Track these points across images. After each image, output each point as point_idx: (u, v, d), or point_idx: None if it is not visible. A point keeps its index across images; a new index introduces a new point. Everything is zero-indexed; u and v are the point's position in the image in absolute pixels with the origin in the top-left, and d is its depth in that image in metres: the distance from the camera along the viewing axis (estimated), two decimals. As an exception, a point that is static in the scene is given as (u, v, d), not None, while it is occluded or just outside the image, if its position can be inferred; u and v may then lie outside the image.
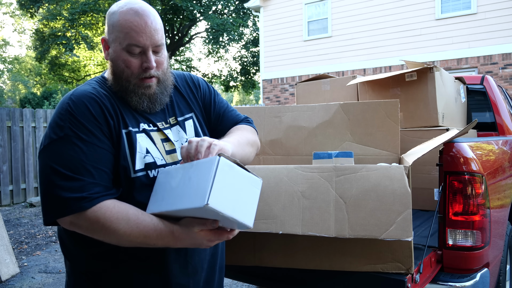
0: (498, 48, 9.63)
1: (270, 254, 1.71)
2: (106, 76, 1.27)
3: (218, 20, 18.85)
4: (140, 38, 1.15)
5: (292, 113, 2.26)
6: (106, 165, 1.11)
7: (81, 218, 1.04)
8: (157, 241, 1.07)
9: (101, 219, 1.03)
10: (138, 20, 1.15)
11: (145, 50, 1.17)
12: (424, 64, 2.54)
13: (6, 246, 3.92)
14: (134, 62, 1.18)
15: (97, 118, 1.13)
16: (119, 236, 1.05)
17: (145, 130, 1.22)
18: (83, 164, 1.06)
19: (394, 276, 1.49)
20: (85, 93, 1.16)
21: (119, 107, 1.20)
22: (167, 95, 1.28)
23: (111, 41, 1.20)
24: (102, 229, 1.04)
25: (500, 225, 2.09)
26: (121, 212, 1.06)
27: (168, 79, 1.29)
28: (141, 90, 1.20)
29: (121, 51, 1.17)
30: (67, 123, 1.09)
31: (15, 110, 7.41)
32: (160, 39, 1.19)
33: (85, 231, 1.07)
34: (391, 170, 1.45)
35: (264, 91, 13.40)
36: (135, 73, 1.19)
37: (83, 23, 18.49)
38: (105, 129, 1.14)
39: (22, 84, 32.16)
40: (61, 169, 1.04)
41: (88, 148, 1.08)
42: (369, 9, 11.31)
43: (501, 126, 3.10)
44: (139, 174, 1.16)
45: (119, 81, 1.20)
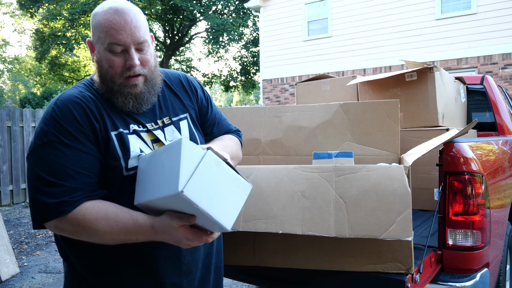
0: (498, 48, 9.63)
1: (270, 254, 1.71)
2: (94, 78, 1.26)
3: (218, 20, 18.85)
4: (120, 36, 1.14)
5: (292, 113, 2.26)
6: (89, 169, 1.11)
7: (63, 222, 1.06)
8: (138, 236, 1.08)
9: (81, 221, 1.05)
10: (117, 18, 1.14)
11: (126, 48, 1.16)
12: (424, 64, 2.54)
13: (6, 246, 3.92)
14: (117, 61, 1.16)
15: (81, 123, 1.13)
16: (101, 235, 1.07)
17: (136, 131, 1.21)
18: (65, 169, 1.07)
19: (394, 276, 1.49)
20: (70, 97, 1.16)
21: (106, 110, 1.19)
22: (155, 94, 1.26)
23: (95, 42, 1.20)
24: (84, 231, 1.06)
25: (500, 225, 2.09)
26: (100, 212, 1.07)
27: (156, 78, 1.26)
28: (126, 89, 1.18)
29: (104, 51, 1.16)
30: (51, 128, 1.10)
31: (15, 110, 7.41)
32: (142, 36, 1.17)
33: (69, 234, 1.09)
34: (391, 170, 1.45)
35: (264, 91, 13.40)
36: (119, 72, 1.17)
37: (83, 23, 18.48)
38: (90, 134, 1.13)
39: (22, 84, 32.17)
40: (44, 175, 1.06)
41: (71, 152, 1.09)
42: (369, 9, 11.31)
43: (501, 126, 3.10)
44: (131, 172, 1.17)
45: (105, 82, 1.19)
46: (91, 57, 1.24)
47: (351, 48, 11.60)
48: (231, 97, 47.02)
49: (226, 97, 46.94)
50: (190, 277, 1.27)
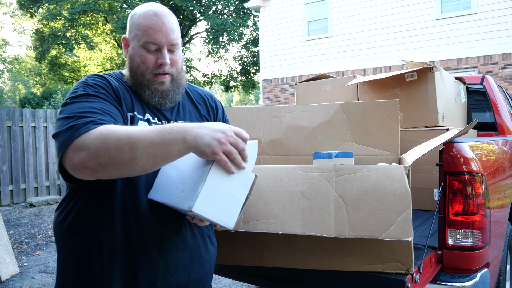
0: (498, 48, 9.63)
1: (270, 254, 1.71)
2: (123, 72, 1.36)
3: (218, 20, 18.85)
4: (157, 36, 1.25)
5: (292, 113, 2.26)
6: (115, 115, 1.16)
7: (87, 139, 1.00)
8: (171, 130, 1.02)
9: (104, 131, 1.01)
10: (156, 19, 1.25)
11: (160, 47, 1.26)
12: (424, 64, 2.54)
13: (6, 246, 3.92)
14: (149, 58, 1.27)
15: (107, 89, 1.23)
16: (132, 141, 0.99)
17: (149, 120, 1.28)
18: (93, 108, 1.12)
19: (394, 276, 1.49)
20: (100, 74, 1.29)
21: (130, 94, 1.29)
22: (179, 93, 1.36)
23: (130, 39, 1.30)
24: (111, 137, 1.00)
25: (500, 225, 2.09)
26: (124, 126, 1.08)
27: (182, 79, 1.36)
28: (154, 85, 1.28)
29: (139, 48, 1.27)
30: (80, 89, 1.19)
31: (15, 110, 7.41)
32: (175, 39, 1.29)
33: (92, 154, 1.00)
34: (391, 170, 1.45)
35: (264, 91, 13.40)
36: (150, 68, 1.27)
37: (83, 23, 18.49)
38: (116, 98, 1.23)
39: (22, 84, 32.16)
40: (71, 115, 1.09)
41: (98, 100, 1.16)
42: (369, 9, 11.31)
43: (501, 126, 3.10)
44: None
45: (135, 76, 1.29)
46: (124, 53, 1.35)
47: (351, 48, 11.60)
48: (231, 97, 47.03)
49: (226, 97, 46.95)
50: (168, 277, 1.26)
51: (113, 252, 1.18)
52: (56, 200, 7.54)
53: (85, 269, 1.20)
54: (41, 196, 7.63)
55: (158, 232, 1.22)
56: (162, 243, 1.23)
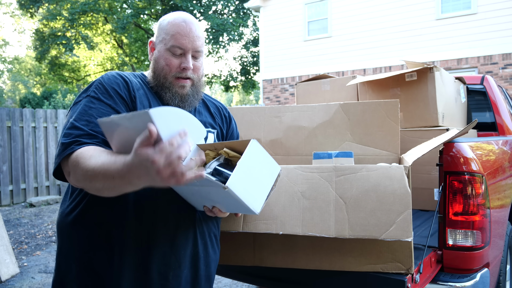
0: (498, 48, 9.63)
1: (270, 254, 1.71)
2: (145, 74, 1.43)
3: (218, 20, 18.85)
4: (183, 40, 1.31)
5: (292, 113, 2.26)
6: None
7: (69, 160, 1.10)
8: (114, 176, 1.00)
9: (78, 157, 1.08)
10: (184, 26, 1.32)
11: (185, 52, 1.32)
12: (424, 64, 2.54)
13: (6, 246, 3.92)
14: (174, 61, 1.32)
15: (122, 90, 1.27)
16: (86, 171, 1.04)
17: None
18: (90, 118, 1.17)
19: (394, 276, 1.49)
20: (119, 72, 1.34)
21: (147, 94, 1.34)
22: (198, 99, 1.41)
23: (157, 43, 1.36)
24: (77, 169, 1.07)
25: (500, 225, 2.09)
26: (96, 152, 1.08)
27: (202, 86, 1.42)
28: (175, 88, 1.34)
29: (165, 51, 1.33)
30: (93, 87, 1.26)
31: (15, 110, 7.41)
32: (200, 46, 1.35)
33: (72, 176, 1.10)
34: (391, 170, 1.45)
35: (264, 91, 13.40)
36: (173, 71, 1.33)
37: (83, 23, 18.49)
38: (127, 101, 1.27)
39: (22, 84, 32.16)
40: (72, 121, 1.17)
41: (101, 106, 1.21)
42: (369, 9, 11.31)
43: (501, 126, 3.10)
44: None
45: (158, 77, 1.34)
46: (149, 56, 1.41)
47: (351, 48, 11.60)
48: (231, 97, 47.03)
49: (226, 97, 46.95)
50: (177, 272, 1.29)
51: (124, 244, 1.20)
52: (56, 200, 7.54)
53: (92, 260, 1.21)
54: (41, 196, 7.63)
55: (171, 226, 1.25)
56: (175, 238, 1.26)
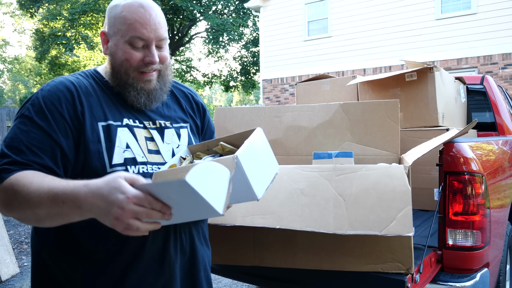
0: (498, 48, 9.63)
1: (270, 254, 1.71)
2: (99, 70, 1.23)
3: (218, 20, 18.86)
4: (144, 30, 1.12)
5: (292, 113, 2.26)
6: (45, 152, 1.04)
7: (1, 189, 0.97)
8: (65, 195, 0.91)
9: (14, 185, 0.95)
10: (142, 12, 1.13)
11: (148, 43, 1.14)
12: (424, 64, 2.54)
13: (6, 246, 3.92)
14: (135, 55, 1.14)
15: (63, 107, 1.09)
16: (29, 200, 0.93)
17: (128, 125, 1.16)
18: (19, 143, 1.02)
19: (394, 276, 1.49)
20: (63, 80, 1.14)
21: (100, 100, 1.16)
22: (165, 92, 1.24)
23: (111, 34, 1.17)
24: (15, 197, 0.95)
25: (500, 225, 2.09)
26: (37, 177, 0.97)
27: (169, 75, 1.25)
28: (140, 84, 1.17)
29: (123, 44, 1.14)
30: (29, 104, 1.09)
31: (15, 110, 7.41)
32: (164, 33, 1.17)
33: (4, 207, 0.99)
34: (391, 169, 1.45)
35: (264, 91, 13.40)
36: (134, 65, 1.15)
37: (83, 23, 18.49)
38: (68, 120, 1.08)
39: (22, 84, 32.17)
40: (2, 147, 1.03)
41: (34, 130, 1.04)
42: (369, 9, 11.31)
43: (501, 126, 3.10)
44: (117, 168, 1.09)
45: (117, 75, 1.16)
46: (103, 49, 1.21)
47: (351, 48, 11.60)
48: (231, 97, 47.03)
49: (226, 97, 46.96)
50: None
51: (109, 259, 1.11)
52: (56, 200, 7.54)
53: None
54: (41, 196, 7.63)
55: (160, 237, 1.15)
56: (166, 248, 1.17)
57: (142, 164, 1.14)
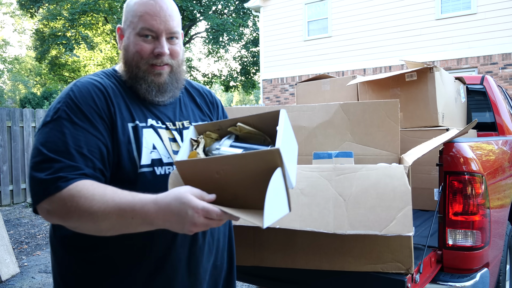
0: (498, 48, 9.63)
1: (270, 254, 1.71)
2: (117, 69, 1.23)
3: (218, 20, 18.85)
4: (154, 21, 1.13)
5: (292, 113, 2.26)
6: (93, 153, 1.03)
7: (56, 199, 0.95)
8: (134, 213, 0.93)
9: (75, 196, 0.94)
10: (153, 4, 1.13)
11: (158, 35, 1.14)
12: (424, 64, 2.54)
13: (6, 246, 3.92)
14: (145, 46, 1.14)
15: (99, 106, 1.08)
16: (92, 215, 0.93)
17: (153, 126, 1.17)
18: (67, 147, 1.00)
19: (394, 276, 1.49)
20: (91, 81, 1.13)
21: (126, 100, 1.15)
22: (178, 88, 1.23)
23: (125, 28, 1.18)
24: (76, 208, 0.94)
25: (500, 225, 2.09)
26: (98, 189, 0.96)
27: (182, 72, 1.23)
28: (151, 77, 1.16)
29: (134, 36, 1.15)
30: (63, 106, 1.06)
31: (15, 110, 7.41)
32: (175, 26, 1.17)
33: (60, 216, 0.97)
34: (391, 169, 1.45)
35: (264, 91, 13.40)
36: (145, 57, 1.14)
37: (83, 23, 18.49)
38: (105, 119, 1.08)
39: (22, 84, 32.15)
40: (44, 150, 0.99)
41: (78, 132, 1.03)
42: (369, 9, 11.31)
43: (501, 126, 3.10)
44: (145, 169, 1.10)
45: (130, 68, 1.16)
46: (118, 45, 1.22)
47: (351, 48, 11.60)
48: (231, 97, 47.02)
49: (226, 97, 46.95)
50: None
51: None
52: (56, 200, 7.54)
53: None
54: (41, 196, 7.62)
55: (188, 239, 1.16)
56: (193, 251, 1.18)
57: (168, 165, 1.14)
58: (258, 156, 0.91)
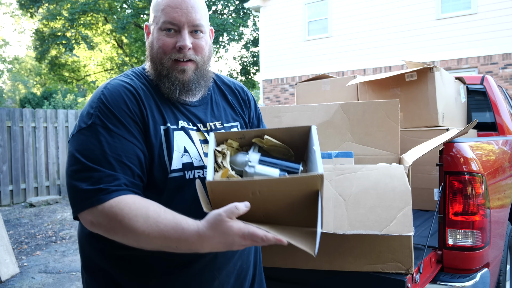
0: (498, 48, 9.63)
1: (270, 254, 1.71)
2: (146, 66, 1.20)
3: (218, 20, 18.85)
4: (175, 13, 1.08)
5: (292, 113, 2.26)
6: (132, 160, 1.02)
7: (99, 213, 0.94)
8: (178, 243, 0.93)
9: (118, 215, 0.93)
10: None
11: (180, 28, 1.09)
12: (424, 64, 2.53)
13: (6, 246, 3.92)
14: (167, 41, 1.10)
15: (131, 110, 1.05)
16: (137, 236, 0.94)
17: (184, 128, 1.13)
18: (105, 155, 0.98)
19: (394, 276, 1.49)
20: (121, 83, 1.10)
21: (157, 102, 1.12)
22: (205, 87, 1.19)
23: (150, 25, 1.16)
24: (120, 227, 0.94)
25: (500, 225, 2.09)
26: (141, 209, 0.94)
27: (208, 70, 1.19)
28: (174, 73, 1.11)
29: (157, 31, 1.11)
30: (96, 111, 1.03)
31: (15, 110, 7.41)
32: (199, 19, 1.11)
33: (104, 230, 0.97)
34: (391, 169, 1.45)
35: (264, 91, 13.40)
36: (168, 53, 1.10)
37: (83, 23, 18.49)
38: (139, 123, 1.06)
39: (22, 84, 32.17)
40: (81, 159, 0.98)
41: (114, 139, 1.01)
42: (369, 9, 11.31)
43: (501, 126, 3.10)
44: (175, 174, 1.08)
45: (155, 66, 1.13)
46: (146, 43, 1.18)
47: (351, 48, 11.60)
48: (231, 97, 46.94)
49: (226, 97, 46.87)
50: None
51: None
52: (56, 200, 7.54)
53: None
54: (41, 196, 7.62)
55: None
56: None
57: (198, 169, 1.12)
58: (301, 181, 0.90)
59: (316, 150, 0.97)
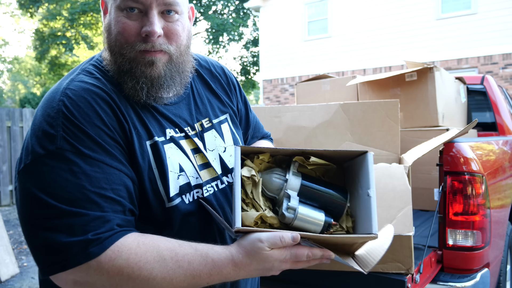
0: (498, 48, 9.63)
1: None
2: (103, 55, 0.90)
3: (218, 20, 18.86)
4: None
5: (292, 113, 2.26)
6: (120, 192, 0.77)
7: (92, 270, 0.70)
8: (211, 277, 0.77)
9: (124, 268, 0.71)
10: None
11: (146, 6, 0.81)
12: (424, 64, 2.53)
13: (6, 246, 3.92)
14: (130, 24, 0.82)
15: (109, 125, 0.79)
16: (156, 287, 0.74)
17: (173, 138, 0.89)
18: (85, 192, 0.72)
19: (394, 276, 1.49)
20: (87, 86, 0.81)
21: (135, 108, 0.86)
22: (181, 83, 0.92)
23: (107, 1, 0.87)
24: (129, 282, 0.72)
25: (500, 225, 2.08)
26: (151, 251, 0.74)
27: (186, 63, 0.91)
28: (140, 68, 0.83)
29: (116, 11, 0.82)
30: (60, 130, 0.74)
31: (15, 110, 7.41)
32: None
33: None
34: (391, 169, 1.45)
35: (264, 91, 13.40)
36: (130, 41, 0.82)
37: (83, 23, 18.50)
38: (120, 142, 0.80)
39: (22, 84, 32.17)
40: (51, 201, 0.71)
41: (93, 167, 0.75)
42: (369, 9, 11.31)
43: (501, 126, 3.10)
44: (174, 202, 0.85)
45: (114, 57, 0.85)
46: (103, 26, 0.90)
47: (351, 48, 11.60)
48: (231, 97, 46.98)
49: (226, 97, 46.90)
50: None
51: None
52: (56, 200, 7.55)
53: None
54: (41, 196, 7.63)
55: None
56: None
57: (197, 188, 0.90)
58: (352, 240, 0.86)
59: (372, 197, 0.84)
